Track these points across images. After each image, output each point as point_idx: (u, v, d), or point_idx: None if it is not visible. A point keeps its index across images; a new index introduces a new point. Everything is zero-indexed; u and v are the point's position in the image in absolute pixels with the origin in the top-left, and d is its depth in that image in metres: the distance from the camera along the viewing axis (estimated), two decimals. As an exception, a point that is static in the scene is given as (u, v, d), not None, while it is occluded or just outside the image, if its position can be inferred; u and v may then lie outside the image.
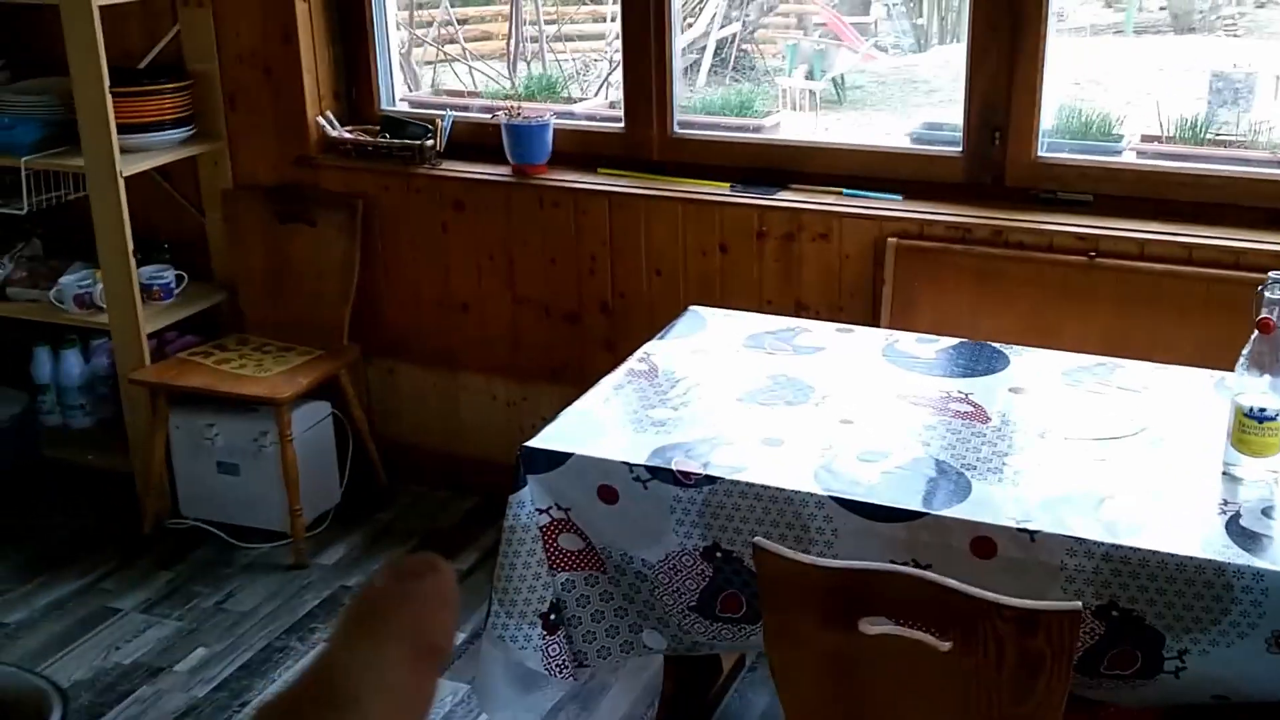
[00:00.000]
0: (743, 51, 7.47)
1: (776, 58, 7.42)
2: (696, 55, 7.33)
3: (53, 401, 3.82)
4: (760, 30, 7.61)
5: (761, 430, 2.22)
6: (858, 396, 2.37)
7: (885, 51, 7.59)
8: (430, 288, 3.57)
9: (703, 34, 7.32)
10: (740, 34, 7.38)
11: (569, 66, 5.45)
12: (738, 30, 7.35)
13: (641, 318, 3.33)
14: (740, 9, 7.40)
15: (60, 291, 3.54)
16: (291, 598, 3.23)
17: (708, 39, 7.25)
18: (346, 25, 3.59)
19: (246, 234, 3.65)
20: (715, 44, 7.26)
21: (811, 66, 7.07)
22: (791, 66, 7.13)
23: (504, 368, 3.56)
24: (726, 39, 7.31)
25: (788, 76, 7.07)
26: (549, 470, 2.16)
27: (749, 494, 2.04)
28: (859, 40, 7.40)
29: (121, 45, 3.57)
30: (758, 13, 7.54)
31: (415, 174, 3.47)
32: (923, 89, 6.98)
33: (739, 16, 7.36)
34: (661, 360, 2.52)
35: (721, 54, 7.29)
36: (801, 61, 7.13)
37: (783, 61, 7.27)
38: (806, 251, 3.16)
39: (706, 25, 7.33)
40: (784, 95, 6.94)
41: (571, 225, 3.36)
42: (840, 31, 7.43)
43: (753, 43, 7.56)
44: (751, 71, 7.40)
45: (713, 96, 5.59)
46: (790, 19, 7.80)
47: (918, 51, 7.42)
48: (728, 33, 7.29)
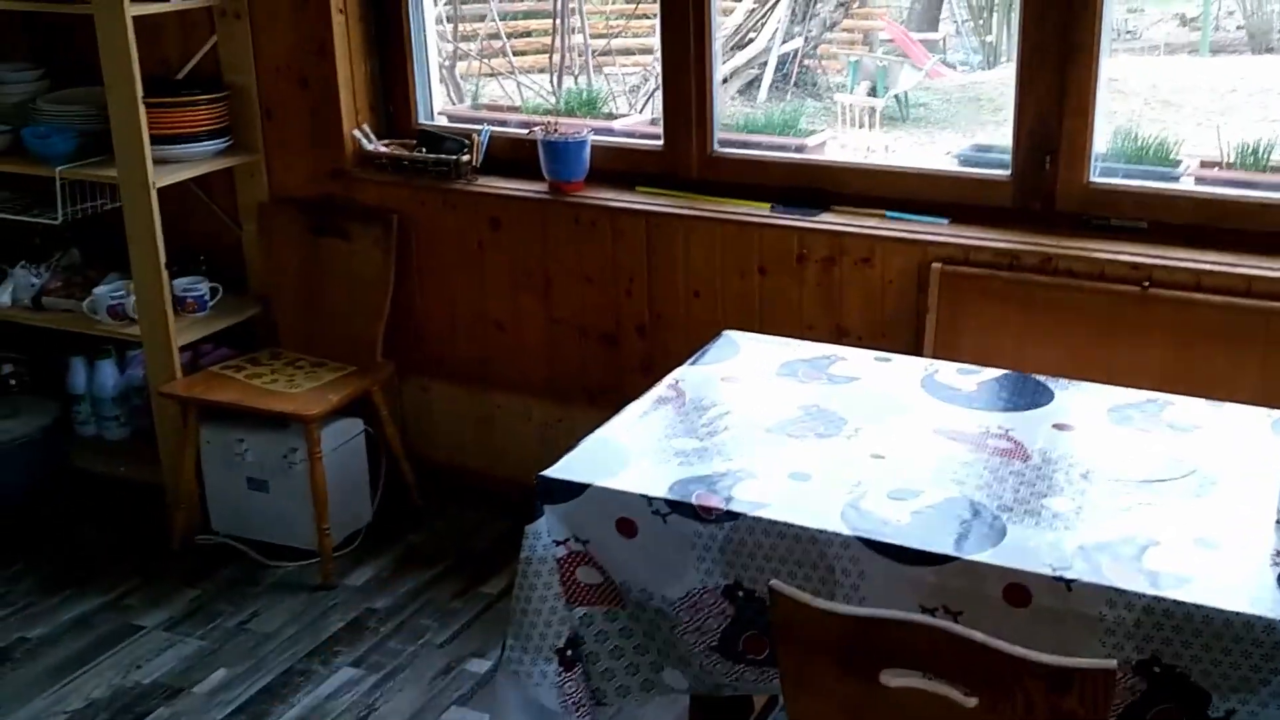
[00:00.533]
0: (805, 67, 7.39)
1: (839, 74, 7.34)
2: (758, 71, 7.26)
3: (87, 412, 3.81)
4: (823, 46, 7.54)
5: (789, 464, 2.13)
6: (892, 430, 2.27)
7: (953, 68, 7.47)
8: (465, 305, 3.51)
9: (764, 49, 7.25)
10: (803, 49, 7.31)
11: (621, 80, 5.40)
12: (800, 46, 7.28)
13: (679, 340, 3.25)
14: (803, 24, 7.32)
15: (94, 302, 3.52)
16: (316, 619, 3.17)
17: (769, 54, 7.18)
18: (384, 38, 3.55)
19: (281, 247, 3.61)
20: (777, 59, 7.19)
21: (874, 83, 6.98)
22: (853, 83, 7.04)
23: (539, 388, 3.49)
24: (789, 54, 7.24)
25: (849, 93, 6.98)
26: (566, 501, 2.09)
27: (772, 532, 1.95)
28: (925, 56, 7.30)
29: (158, 56, 3.56)
30: (820, 28, 7.46)
31: (451, 189, 3.41)
32: (988, 107, 6.87)
33: (801, 32, 7.28)
34: (691, 387, 2.44)
35: (783, 69, 7.22)
36: (864, 78, 7.04)
37: (845, 78, 7.18)
38: (848, 276, 3.06)
39: (768, 40, 7.27)
40: (845, 112, 6.85)
41: (609, 244, 3.28)
42: (907, 48, 7.33)
43: (815, 58, 7.48)
44: (813, 87, 7.32)
45: (755, 115, 5.51)
46: (855, 35, 7.72)
47: (985, 69, 7.30)
48: (790, 48, 7.22)
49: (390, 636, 3.11)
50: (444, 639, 3.10)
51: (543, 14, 6.10)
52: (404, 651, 3.05)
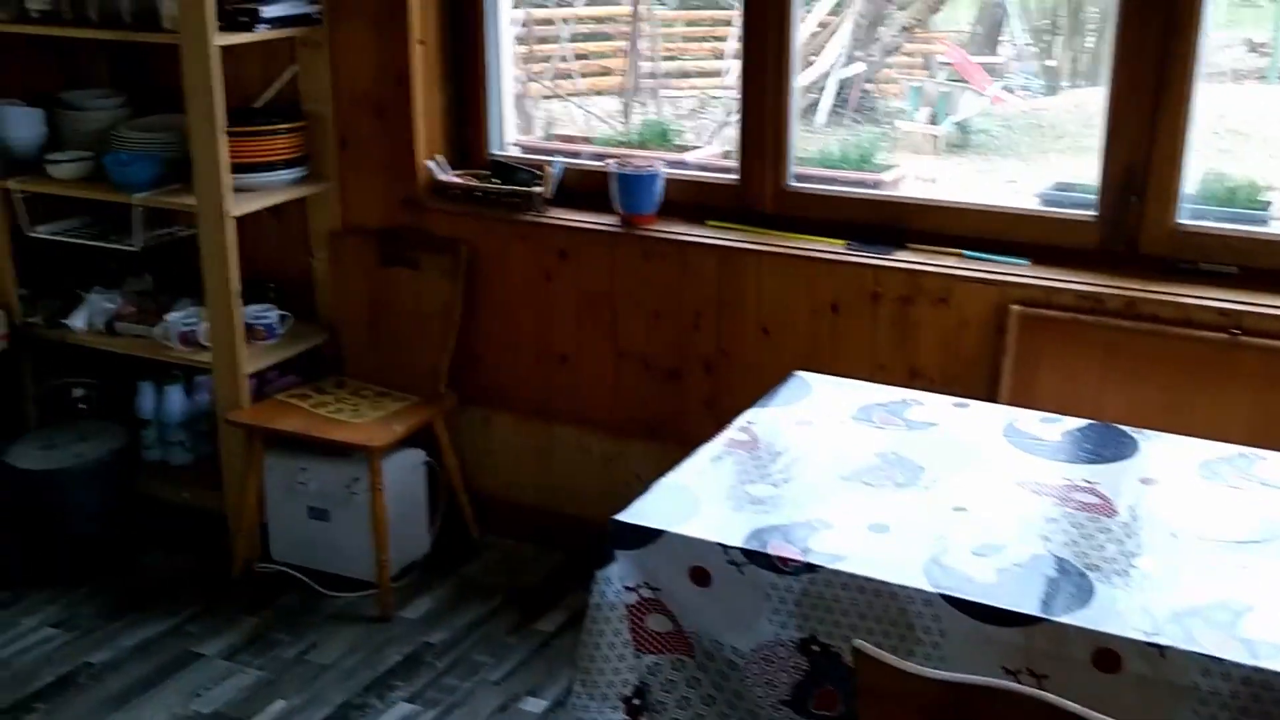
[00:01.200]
0: (864, 92, 7.33)
1: (899, 99, 7.26)
2: (816, 95, 7.20)
3: (154, 437, 3.81)
4: (884, 70, 7.46)
5: (867, 514, 2.08)
6: (973, 480, 2.20)
7: (1013, 93, 7.37)
8: (530, 337, 3.49)
9: (824, 73, 7.19)
10: (863, 74, 7.24)
11: (684, 104, 5.35)
12: (861, 70, 7.22)
13: (745, 378, 3.20)
14: (864, 48, 7.26)
15: (166, 328, 3.53)
16: (373, 652, 3.14)
17: (828, 79, 7.12)
18: (461, 68, 3.54)
19: (351, 276, 3.60)
20: (837, 84, 7.12)
21: (936, 109, 6.90)
22: (914, 109, 6.96)
23: (600, 422, 3.46)
24: (849, 79, 7.17)
25: (910, 119, 6.90)
26: (639, 547, 2.04)
27: (851, 585, 1.90)
28: (986, 81, 7.21)
29: (240, 85, 3.57)
30: (882, 52, 7.39)
31: (521, 221, 3.39)
32: (1051, 134, 6.76)
33: (863, 56, 7.22)
34: (763, 430, 2.39)
35: (843, 94, 7.15)
36: (925, 104, 6.96)
37: (905, 103, 7.11)
38: (923, 316, 3.00)
39: (829, 64, 7.20)
40: (905, 139, 6.76)
41: (678, 279, 3.24)
42: (967, 72, 7.24)
43: (875, 83, 7.41)
44: (873, 113, 7.25)
45: (831, 147, 5.46)
46: (916, 59, 7.64)
47: (1048, 94, 7.19)
48: (850, 73, 7.16)
49: (446, 672, 3.08)
50: (499, 676, 3.07)
51: (602, 36, 6.08)
52: (459, 688, 3.01)
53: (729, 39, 5.93)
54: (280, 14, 3.32)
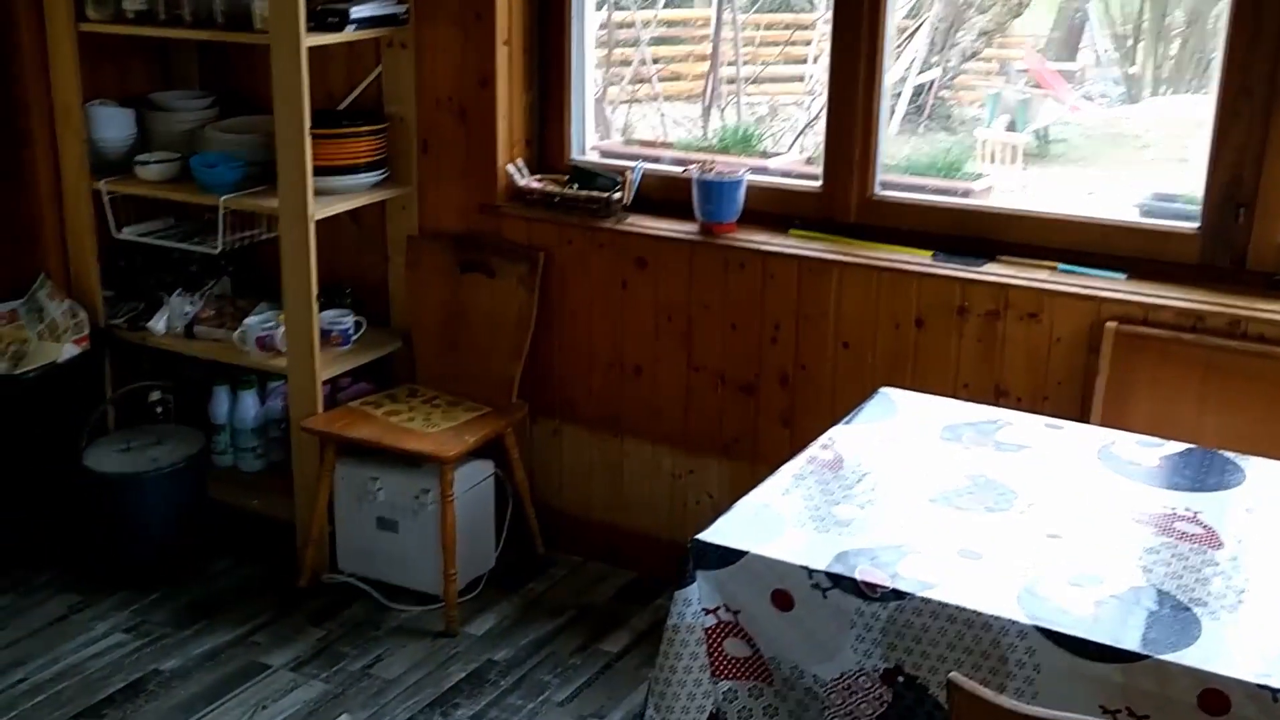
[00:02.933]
0: (940, 99, 7.21)
1: (976, 106, 7.12)
2: (891, 102, 7.07)
3: (226, 442, 3.80)
4: (960, 77, 7.33)
5: (956, 539, 1.99)
6: (1068, 506, 2.10)
7: (1092, 101, 7.20)
8: (604, 347, 3.42)
9: (899, 79, 7.08)
10: (939, 80, 7.12)
11: (762, 109, 5.26)
12: (936, 77, 7.10)
13: (823, 394, 3.11)
14: (941, 54, 7.13)
15: (244, 333, 3.52)
16: (437, 668, 3.09)
17: (904, 85, 7.01)
18: (545, 71, 3.48)
19: (427, 282, 3.56)
20: (912, 90, 7.01)
21: (1014, 117, 6.76)
22: (992, 117, 6.82)
23: (673, 437, 3.38)
24: (924, 85, 7.06)
25: (987, 127, 6.77)
26: (720, 568, 1.97)
27: (941, 615, 1.81)
28: (1065, 89, 7.05)
29: (324, 86, 3.55)
30: (959, 59, 7.25)
31: (599, 228, 3.33)
32: (1133, 144, 6.59)
33: (939, 62, 7.10)
34: (847, 448, 2.30)
35: (917, 101, 7.04)
36: (1003, 111, 6.82)
37: (982, 111, 6.97)
38: (1012, 332, 2.89)
39: (904, 70, 7.09)
40: (983, 148, 6.63)
41: (757, 289, 3.16)
42: (1045, 80, 7.09)
43: (952, 89, 7.28)
44: (948, 120, 7.13)
45: (912, 155, 5.34)
46: (993, 65, 7.49)
47: (1129, 103, 7.01)
48: (925, 79, 7.04)
49: (510, 691, 3.02)
50: (564, 697, 3.00)
51: (683, 40, 6.01)
52: (524, 708, 2.95)
53: (811, 43, 5.84)
54: (368, 14, 3.30)
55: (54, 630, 3.25)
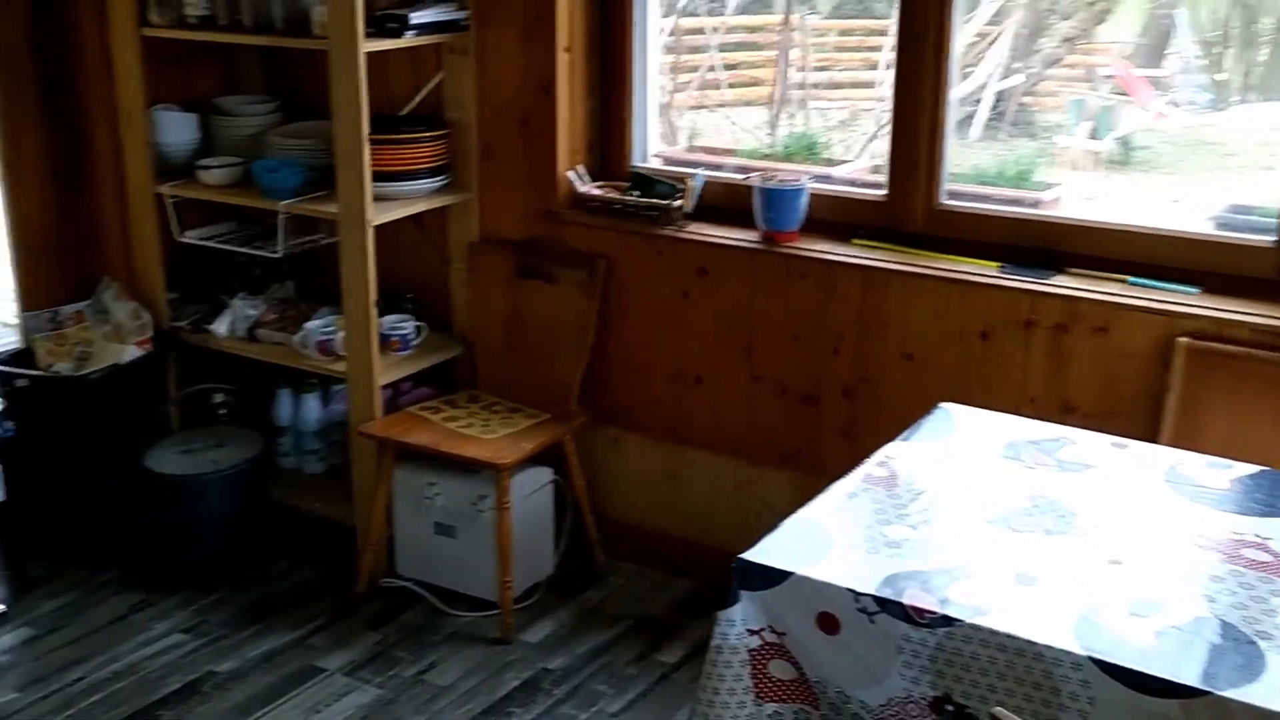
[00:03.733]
0: (1023, 106, 7.08)
1: (1059, 112, 6.99)
2: (972, 108, 6.96)
3: (290, 445, 3.82)
4: (1043, 83, 7.19)
5: (1013, 563, 1.92)
6: (1131, 530, 2.03)
7: (1178, 108, 7.03)
8: (664, 356, 3.38)
9: (980, 85, 6.96)
10: (1022, 86, 7.00)
11: (835, 116, 5.19)
12: (1019, 83, 6.97)
13: (885, 406, 3.05)
14: (1024, 60, 7.01)
15: (305, 336, 3.53)
16: (492, 675, 3.07)
17: (985, 91, 6.89)
18: (608, 77, 3.46)
19: (487, 288, 3.55)
20: (994, 96, 6.89)
21: (1097, 124, 6.62)
22: (1075, 123, 6.69)
23: (733, 447, 3.33)
24: (1006, 92, 6.94)
25: (1070, 135, 6.64)
26: (765, 588, 1.92)
27: (992, 642, 1.75)
28: (1150, 95, 6.90)
29: (385, 91, 3.55)
30: (1042, 64, 7.12)
31: (660, 235, 3.29)
32: (1218, 152, 6.43)
33: (1022, 68, 6.97)
34: (903, 466, 2.25)
35: (999, 107, 6.92)
36: (1086, 118, 6.68)
37: (1065, 117, 6.84)
38: (1080, 346, 2.81)
39: (986, 76, 6.97)
40: (1064, 155, 6.50)
41: (819, 300, 3.11)
42: (1130, 86, 6.94)
43: (1035, 96, 7.15)
44: (1030, 127, 7.01)
45: (987, 163, 5.24)
46: (1077, 71, 7.34)
47: (1215, 110, 6.84)
48: (1008, 85, 6.92)
49: (564, 701, 2.99)
50: (618, 708, 2.97)
51: (752, 46, 5.95)
52: (577, 718, 2.92)
53: (883, 49, 5.76)
54: (428, 20, 3.29)
55: (114, 629, 3.28)
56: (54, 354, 3.53)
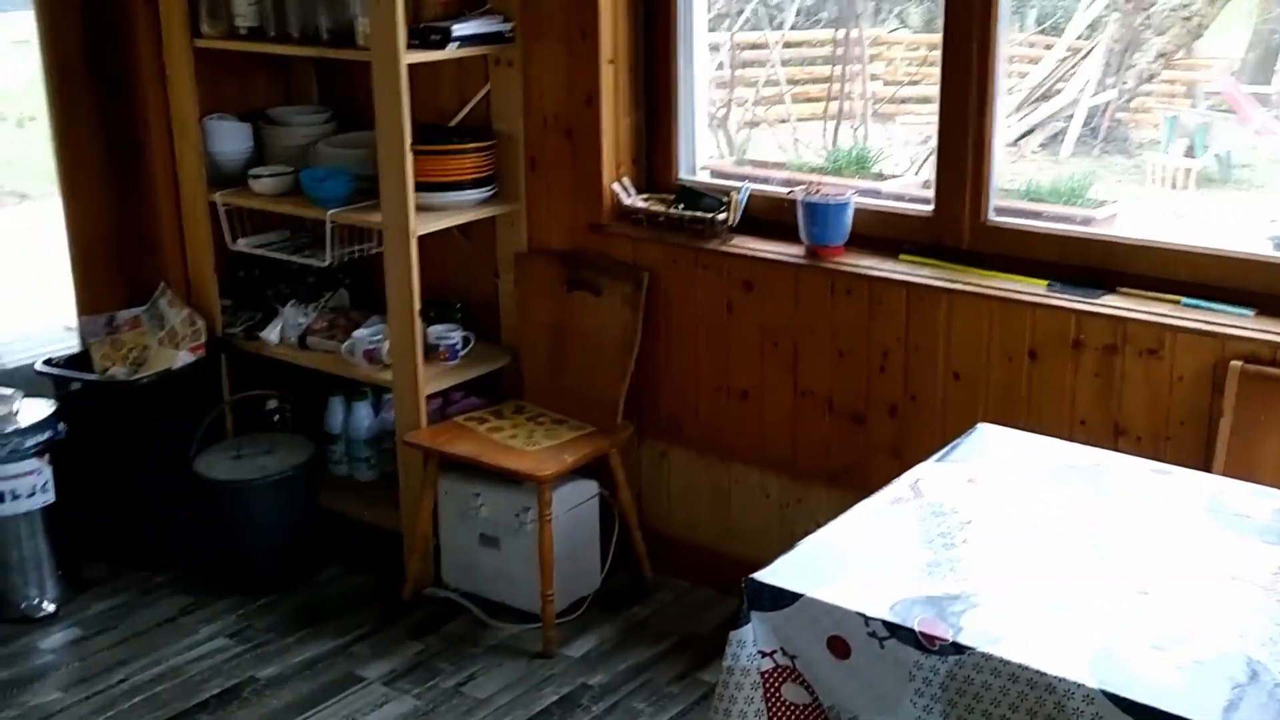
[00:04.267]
0: (1116, 121, 6.96)
1: (1154, 129, 6.85)
2: (1063, 123, 6.85)
3: (341, 452, 3.85)
4: (1138, 99, 7.05)
5: (1035, 591, 1.86)
6: (1164, 560, 1.95)
7: (1283, 124, 6.86)
8: (710, 370, 3.35)
9: (1072, 101, 6.85)
10: (1114, 102, 6.88)
11: (895, 130, 5.12)
12: (1112, 98, 6.85)
13: (933, 425, 2.98)
14: (1117, 75, 6.88)
15: (352, 345, 3.55)
16: (530, 690, 3.06)
17: (1077, 106, 6.78)
18: (652, 90, 3.44)
19: (534, 299, 3.55)
20: (1086, 112, 6.78)
21: (1193, 140, 6.47)
22: (1169, 140, 6.54)
23: (780, 464, 3.29)
24: (1099, 107, 6.82)
25: (1164, 151, 6.49)
26: (776, 609, 1.88)
27: (1003, 673, 1.69)
28: (1259, 112, 6.73)
29: (436, 103, 3.57)
30: (1136, 80, 6.98)
31: (704, 248, 3.26)
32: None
33: (1115, 83, 6.85)
34: (932, 487, 2.19)
35: (1091, 123, 6.80)
36: (1181, 135, 6.54)
37: (1160, 134, 6.69)
38: (1131, 368, 2.73)
39: (1077, 92, 6.86)
40: (1157, 171, 6.37)
41: (864, 316, 3.06)
42: (1235, 102, 6.77)
43: (1129, 111, 7.02)
44: (1124, 143, 6.87)
45: (1039, 181, 5.13)
46: (1177, 87, 7.19)
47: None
48: (1101, 100, 6.80)
49: (602, 717, 2.96)
50: (655, 727, 2.95)
51: (806, 61, 5.90)
52: (613, 736, 2.91)
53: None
54: (472, 32, 3.30)
55: (160, 632, 3.33)
56: (109, 358, 3.60)
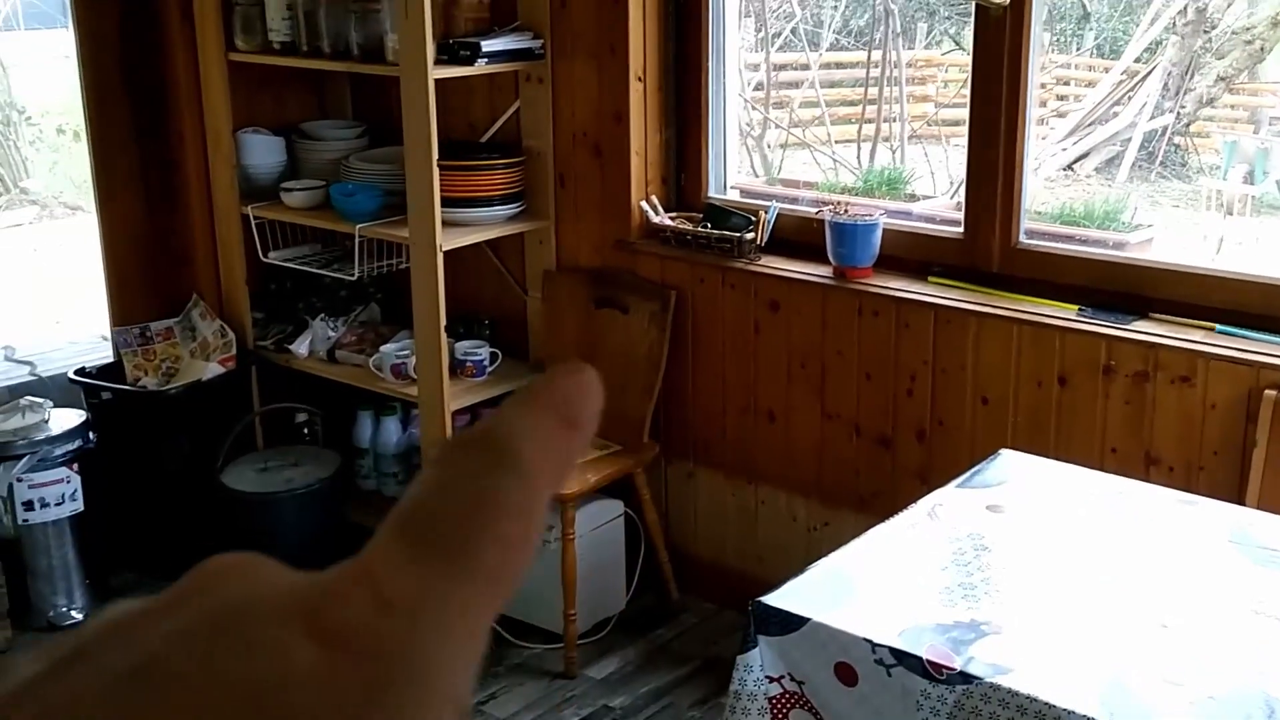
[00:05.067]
0: (1174, 146, 6.85)
1: (1213, 154, 6.74)
2: (1119, 148, 6.76)
3: (369, 466, 3.84)
4: (1196, 123, 6.94)
5: (1049, 621, 1.81)
6: (1185, 592, 1.90)
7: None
8: (737, 390, 3.32)
9: (1129, 124, 6.76)
10: (1172, 126, 6.78)
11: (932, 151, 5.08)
12: (1170, 122, 6.75)
13: (961, 450, 2.93)
14: (1175, 99, 6.78)
15: (380, 359, 3.55)
16: (550, 711, 3.03)
17: (1134, 130, 6.69)
18: (683, 108, 3.42)
19: (562, 316, 3.53)
20: (1142, 136, 6.69)
21: (1253, 167, 6.36)
22: (1228, 165, 6.44)
23: (807, 487, 3.25)
24: (1156, 131, 6.72)
25: (1223, 177, 6.39)
26: (783, 634, 1.85)
27: (1011, 703, 1.65)
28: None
29: (467, 119, 3.58)
30: (1195, 104, 6.88)
31: (732, 268, 3.24)
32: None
33: (1173, 108, 6.75)
34: (952, 512, 2.15)
35: (1148, 147, 6.71)
36: (1240, 160, 6.43)
37: (1218, 158, 6.58)
38: (1162, 396, 2.67)
39: (1134, 116, 6.77)
40: (1214, 197, 6.27)
41: (892, 338, 3.01)
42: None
43: (1186, 136, 6.91)
44: (1182, 169, 6.76)
45: (1074, 203, 5.07)
46: (1238, 112, 7.07)
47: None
48: (1158, 125, 6.70)
49: (620, 740, 2.94)
50: (675, 751, 2.90)
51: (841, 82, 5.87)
52: (632, 758, 2.87)
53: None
54: (501, 49, 3.30)
55: (182, 643, 3.32)
56: (141, 368, 3.62)
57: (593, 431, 0.39)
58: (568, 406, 0.37)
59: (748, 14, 5.00)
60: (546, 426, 0.36)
